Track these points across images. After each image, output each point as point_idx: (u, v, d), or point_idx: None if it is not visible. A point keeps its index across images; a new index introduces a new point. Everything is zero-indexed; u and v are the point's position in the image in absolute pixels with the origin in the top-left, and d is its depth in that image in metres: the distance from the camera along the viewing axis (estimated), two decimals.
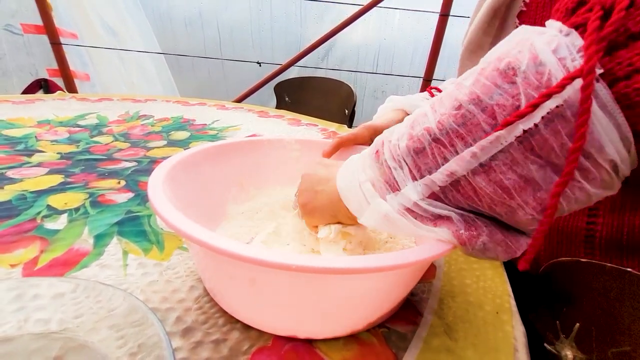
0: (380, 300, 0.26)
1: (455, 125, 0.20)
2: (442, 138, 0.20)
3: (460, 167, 0.20)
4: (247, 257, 0.20)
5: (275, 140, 0.43)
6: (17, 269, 0.30)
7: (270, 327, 0.26)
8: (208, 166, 0.37)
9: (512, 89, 0.18)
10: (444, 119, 0.20)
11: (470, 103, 0.19)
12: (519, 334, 0.28)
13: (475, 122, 0.19)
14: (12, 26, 1.60)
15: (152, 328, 0.20)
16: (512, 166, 0.19)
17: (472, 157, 0.19)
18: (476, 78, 0.20)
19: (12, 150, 0.57)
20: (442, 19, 1.40)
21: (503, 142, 0.18)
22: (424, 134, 0.21)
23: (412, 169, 0.22)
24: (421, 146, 0.21)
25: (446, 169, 0.20)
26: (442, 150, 0.20)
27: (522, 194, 0.19)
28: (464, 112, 0.19)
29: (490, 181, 0.19)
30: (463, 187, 0.20)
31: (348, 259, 0.21)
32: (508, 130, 0.18)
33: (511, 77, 0.18)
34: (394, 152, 0.22)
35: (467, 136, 0.19)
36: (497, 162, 0.19)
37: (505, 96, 0.18)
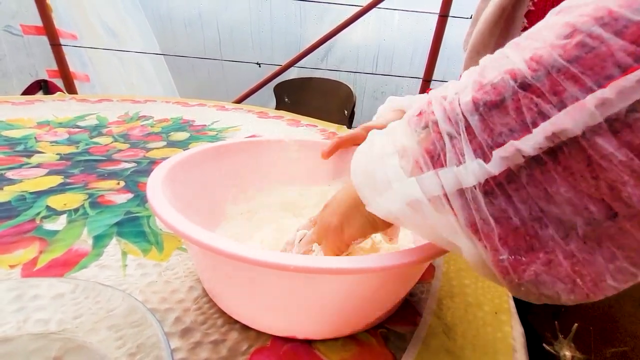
0: (378, 301, 0.26)
1: (564, 61, 0.13)
2: (538, 83, 0.13)
3: (576, 122, 0.12)
4: (246, 258, 0.20)
5: (275, 141, 0.43)
6: (17, 270, 0.30)
7: (268, 327, 0.26)
8: (207, 167, 0.37)
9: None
10: (541, 54, 0.13)
11: (596, 24, 0.12)
12: (518, 335, 0.28)
13: (603, 53, 0.12)
14: (12, 27, 1.60)
15: (150, 329, 0.20)
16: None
17: (598, 106, 0.12)
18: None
19: (11, 151, 0.58)
20: (441, 19, 1.40)
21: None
22: (505, 79, 0.14)
23: (478, 132, 0.14)
24: (499, 98, 0.14)
25: (548, 127, 0.13)
26: (537, 101, 0.13)
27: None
28: (581, 39, 0.13)
29: (623, 146, 0.12)
30: (569, 157, 0.13)
31: (346, 259, 0.21)
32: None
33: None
34: (450, 110, 0.15)
35: (586, 77, 0.12)
36: (638, 115, 0.12)
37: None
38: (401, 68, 2.32)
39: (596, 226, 0.14)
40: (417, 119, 0.17)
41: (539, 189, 0.14)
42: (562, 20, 0.14)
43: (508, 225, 0.15)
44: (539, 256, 0.15)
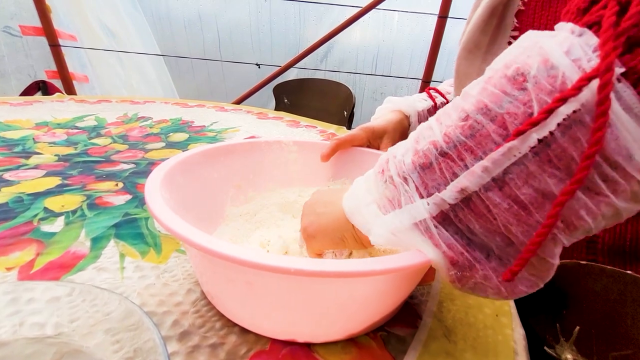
0: (378, 304, 0.26)
1: (463, 138, 0.18)
2: (450, 152, 0.19)
3: (472, 182, 0.18)
4: (245, 261, 0.19)
5: (273, 142, 0.43)
6: (13, 272, 0.30)
7: (267, 330, 0.26)
8: (206, 168, 0.37)
9: (522, 95, 0.17)
10: (450, 131, 0.19)
11: (478, 113, 0.18)
12: (519, 337, 0.28)
13: (484, 133, 0.18)
14: (10, 28, 1.60)
15: (147, 332, 0.20)
16: (527, 180, 0.17)
17: (483, 171, 0.17)
18: (483, 87, 0.18)
19: (9, 152, 0.57)
20: (440, 21, 1.40)
21: (516, 154, 0.17)
22: (430, 148, 0.19)
23: (418, 186, 0.20)
24: (428, 161, 0.20)
25: (456, 185, 0.18)
26: (451, 164, 0.19)
27: (540, 210, 0.17)
28: (471, 122, 0.18)
29: (505, 197, 0.17)
30: (475, 205, 0.19)
31: (346, 262, 0.20)
32: (521, 140, 0.16)
33: (521, 83, 0.17)
34: (399, 169, 0.21)
35: (477, 149, 0.18)
36: (511, 176, 0.17)
37: (515, 104, 0.17)
38: (400, 69, 2.33)
39: (502, 251, 0.19)
40: (380, 175, 0.23)
41: (463, 224, 0.20)
42: (461, 106, 0.19)
43: (455, 250, 0.20)
44: (477, 272, 0.20)
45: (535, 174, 0.17)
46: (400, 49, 2.31)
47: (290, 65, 1.63)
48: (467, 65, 0.36)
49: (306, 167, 0.44)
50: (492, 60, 0.36)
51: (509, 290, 0.20)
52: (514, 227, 0.18)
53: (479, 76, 0.20)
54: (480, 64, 0.35)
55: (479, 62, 0.35)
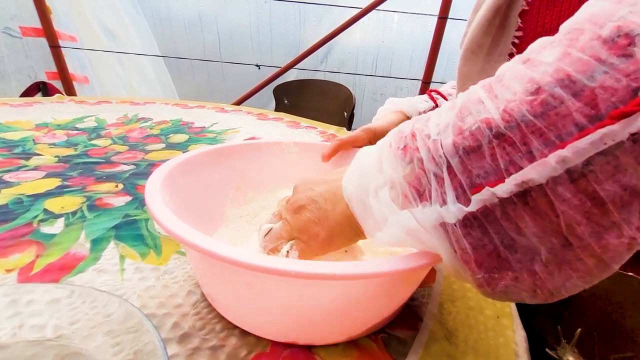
0: (379, 306, 0.25)
1: (531, 116, 0.15)
2: (510, 133, 0.15)
3: (541, 174, 0.15)
4: (245, 263, 0.19)
5: (274, 143, 0.43)
6: (13, 274, 0.30)
7: (268, 332, 0.26)
8: (206, 169, 0.37)
9: (626, 64, 0.13)
10: (512, 107, 0.15)
11: (557, 85, 0.14)
12: (520, 339, 0.28)
13: (563, 112, 0.14)
14: (10, 29, 1.60)
15: (147, 335, 0.20)
16: (615, 173, 0.14)
17: (558, 162, 0.14)
18: (564, 50, 0.14)
19: (9, 154, 0.57)
20: (440, 22, 1.41)
21: (609, 142, 0.13)
22: (481, 127, 0.16)
23: (459, 173, 0.16)
24: (476, 144, 0.16)
25: (517, 177, 0.15)
26: (508, 150, 0.15)
27: (624, 210, 0.14)
28: (545, 97, 0.14)
29: (579, 192, 0.14)
30: (535, 200, 0.15)
31: (348, 264, 0.20)
32: (623, 124, 0.13)
33: (624, 47, 0.13)
34: (435, 151, 0.17)
35: (549, 132, 0.14)
36: (593, 168, 0.14)
37: (614, 75, 0.13)
38: (400, 70, 2.33)
39: (556, 254, 0.16)
40: (402, 153, 0.19)
41: (511, 222, 0.16)
42: (528, 74, 0.15)
43: (484, 251, 0.17)
44: (508, 274, 0.17)
45: (626, 167, 0.13)
46: (400, 49, 2.31)
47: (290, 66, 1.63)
48: (470, 67, 0.36)
49: (307, 168, 0.44)
50: (494, 61, 0.35)
51: (546, 292, 0.17)
52: (582, 227, 0.15)
53: (480, 78, 0.18)
54: (483, 64, 0.35)
55: (480, 63, 0.35)
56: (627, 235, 0.14)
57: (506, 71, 0.17)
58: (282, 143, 0.43)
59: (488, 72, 0.35)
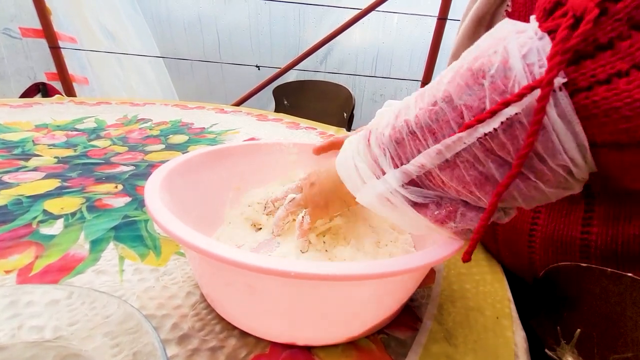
0: (380, 306, 0.25)
1: (429, 121, 0.21)
2: (417, 132, 0.21)
3: (428, 161, 0.21)
4: (245, 264, 0.19)
5: (273, 144, 0.43)
6: (12, 275, 0.30)
7: (268, 334, 0.26)
8: (205, 171, 0.37)
9: (479, 91, 0.19)
10: (420, 114, 0.21)
11: (444, 101, 0.20)
12: (520, 340, 0.28)
13: (445, 120, 0.20)
14: (10, 30, 1.60)
15: (147, 336, 0.20)
16: (474, 163, 0.20)
17: (437, 153, 0.20)
18: (453, 76, 0.20)
19: (9, 155, 0.57)
20: (439, 22, 1.41)
21: (466, 142, 0.19)
22: (404, 125, 0.22)
23: (393, 156, 0.23)
24: (400, 137, 0.22)
25: (417, 161, 0.22)
26: (417, 143, 0.21)
27: (482, 188, 0.20)
28: (437, 109, 0.20)
29: (454, 176, 0.21)
30: (434, 178, 0.22)
31: (347, 265, 0.20)
32: (469, 132, 0.19)
33: (480, 79, 0.18)
34: (379, 140, 0.24)
35: (438, 132, 0.20)
36: (460, 159, 0.20)
37: (473, 97, 0.19)
38: (400, 71, 2.33)
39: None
40: (367, 142, 0.25)
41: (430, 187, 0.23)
42: (433, 92, 0.21)
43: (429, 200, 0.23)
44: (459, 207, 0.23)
45: (480, 159, 0.19)
46: (399, 50, 2.32)
47: (290, 67, 1.63)
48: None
49: (305, 169, 0.44)
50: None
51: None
52: (463, 197, 0.22)
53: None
54: None
55: None
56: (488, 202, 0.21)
57: (431, 84, 0.23)
58: (282, 144, 0.43)
59: None
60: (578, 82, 0.16)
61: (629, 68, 0.15)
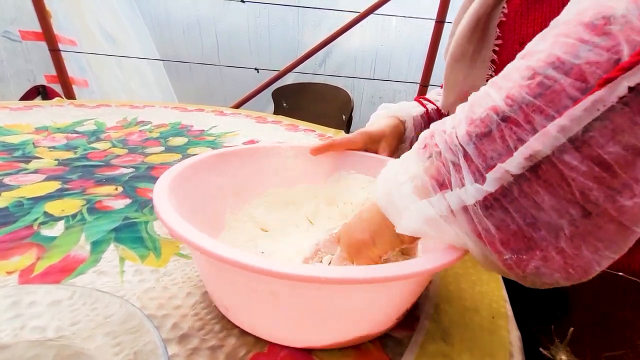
0: (384, 312, 0.26)
1: (530, 97, 0.16)
2: (514, 115, 0.16)
3: (545, 145, 0.16)
4: (260, 269, 0.19)
5: (271, 147, 0.43)
6: (14, 276, 0.30)
7: (276, 337, 0.26)
8: (202, 177, 0.36)
9: (606, 41, 0.14)
10: (513, 93, 0.17)
11: (549, 67, 0.16)
12: (515, 339, 0.28)
13: (557, 89, 0.15)
14: (10, 32, 1.60)
15: (148, 335, 0.20)
16: (614, 135, 0.15)
17: (559, 131, 0.15)
18: (553, 40, 0.16)
19: (9, 157, 0.57)
20: (437, 26, 1.42)
21: (601, 107, 0.14)
22: (489, 114, 0.17)
23: (474, 158, 0.18)
24: (486, 130, 0.17)
25: (524, 151, 0.16)
26: (515, 130, 0.16)
27: (630, 169, 0.15)
28: (540, 79, 0.16)
29: (585, 158, 0.15)
30: (545, 172, 0.16)
31: (354, 269, 0.20)
32: (609, 89, 0.14)
33: (602, 27, 0.15)
34: (450, 141, 0.19)
35: (548, 108, 0.16)
36: (592, 134, 0.15)
37: (597, 51, 0.15)
38: (399, 73, 2.34)
39: (578, 226, 0.17)
40: (422, 151, 0.21)
41: (529, 199, 0.17)
42: (524, 64, 0.17)
43: (507, 231, 0.18)
44: (536, 254, 0.17)
45: (624, 128, 0.14)
46: (398, 53, 2.32)
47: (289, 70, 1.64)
48: (455, 74, 0.38)
49: (304, 172, 0.44)
50: (477, 67, 0.38)
51: (579, 270, 0.17)
52: (594, 192, 0.16)
53: (466, 84, 0.20)
54: (467, 70, 0.37)
55: (466, 70, 0.37)
56: (639, 194, 0.15)
57: (509, 67, 0.18)
58: (279, 147, 0.43)
59: (472, 77, 0.37)
60: None
61: None
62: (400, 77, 2.25)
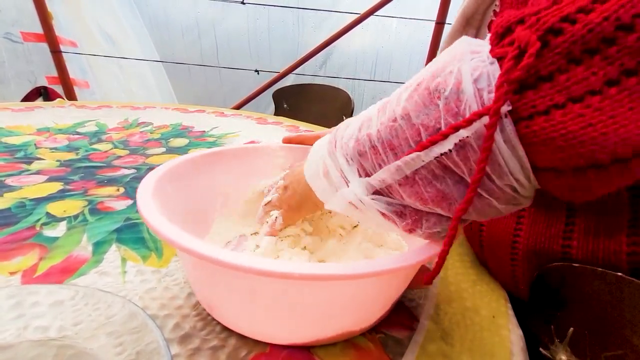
0: (372, 304, 0.26)
1: (389, 136, 0.21)
2: (378, 146, 0.22)
3: (388, 176, 0.22)
4: (246, 267, 0.20)
5: (260, 147, 0.43)
6: (16, 277, 0.31)
7: (266, 336, 0.26)
8: (192, 177, 0.36)
9: (435, 111, 0.19)
10: (382, 129, 0.22)
11: (402, 118, 0.21)
12: (516, 338, 0.28)
13: (403, 137, 0.21)
14: (11, 34, 1.61)
15: (150, 335, 0.20)
16: (432, 180, 0.21)
17: (397, 169, 0.21)
18: (410, 93, 0.21)
19: (11, 158, 0.58)
20: (437, 27, 1.42)
21: (423, 160, 0.20)
22: (366, 139, 0.23)
23: (358, 167, 0.24)
24: (363, 149, 0.23)
25: (378, 176, 0.22)
26: (378, 157, 0.22)
27: (439, 204, 0.21)
28: (396, 125, 0.21)
29: (413, 192, 0.21)
30: (394, 191, 0.23)
31: (345, 265, 0.21)
32: (425, 152, 0.20)
33: (436, 100, 0.19)
34: (344, 150, 0.24)
35: (397, 148, 0.21)
36: (419, 176, 0.21)
37: (429, 117, 0.19)
38: (399, 74, 2.34)
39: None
40: (332, 148, 0.26)
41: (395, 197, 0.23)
42: (393, 107, 0.22)
43: (395, 210, 0.23)
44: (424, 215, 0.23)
45: (437, 176, 0.20)
46: (398, 54, 2.33)
47: (290, 71, 1.65)
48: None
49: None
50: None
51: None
52: (419, 210, 0.22)
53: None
54: None
55: None
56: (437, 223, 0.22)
57: (392, 97, 0.23)
58: (269, 147, 0.43)
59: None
60: (520, 112, 0.17)
61: (565, 101, 0.16)
62: (401, 78, 2.25)
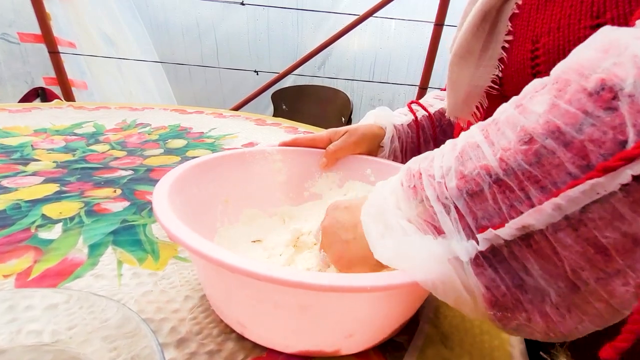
0: (390, 319, 0.25)
1: (526, 165, 0.15)
2: (508, 180, 0.16)
3: (538, 221, 0.15)
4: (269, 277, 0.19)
5: (256, 151, 0.42)
6: (10, 280, 0.30)
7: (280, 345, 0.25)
8: (191, 185, 0.35)
9: (611, 117, 0.14)
10: (508, 157, 0.16)
11: (548, 137, 0.15)
12: (516, 341, 0.28)
13: (555, 162, 0.15)
14: (8, 35, 1.60)
15: (145, 339, 0.20)
16: (613, 221, 0.14)
17: (554, 209, 0.15)
18: (552, 101, 0.15)
19: (7, 159, 0.57)
20: (436, 28, 1.42)
21: (601, 192, 0.14)
22: (482, 174, 0.17)
23: (465, 214, 0.17)
24: (478, 188, 0.17)
25: (517, 222, 0.16)
26: (508, 195, 0.16)
27: (626, 257, 0.14)
28: (537, 147, 0.15)
29: (580, 238, 0.15)
30: (538, 244, 0.16)
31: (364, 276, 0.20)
32: (609, 177, 0.13)
33: (608, 100, 0.14)
34: (440, 192, 0.18)
35: (545, 179, 0.15)
36: (591, 215, 0.14)
37: (601, 127, 0.14)
38: (398, 76, 2.34)
39: (565, 297, 0.16)
40: (412, 192, 0.20)
41: (519, 263, 0.17)
42: (521, 122, 0.16)
43: (497, 291, 0.18)
44: (521, 314, 0.17)
45: (624, 216, 0.14)
46: (397, 56, 2.33)
47: (289, 72, 1.64)
48: (459, 73, 0.35)
49: (291, 176, 0.43)
50: (484, 66, 0.35)
51: (559, 335, 0.17)
52: (586, 272, 0.15)
53: (472, 82, 0.19)
54: (474, 70, 0.34)
55: (472, 69, 0.34)
56: (632, 284, 0.15)
57: (501, 115, 0.18)
58: (265, 151, 0.43)
59: (477, 76, 0.34)
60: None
61: None
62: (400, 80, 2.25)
